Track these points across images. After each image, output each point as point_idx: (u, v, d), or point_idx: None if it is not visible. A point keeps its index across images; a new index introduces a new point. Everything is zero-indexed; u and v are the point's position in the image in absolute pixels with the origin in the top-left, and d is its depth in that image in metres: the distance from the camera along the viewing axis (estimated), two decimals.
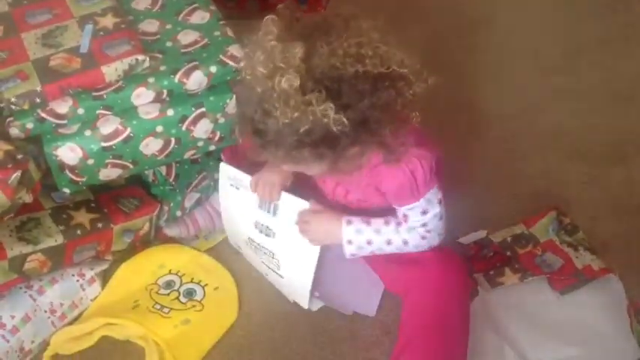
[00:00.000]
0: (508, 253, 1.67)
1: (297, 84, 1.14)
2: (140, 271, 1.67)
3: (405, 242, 1.43)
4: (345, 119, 1.15)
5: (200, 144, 1.57)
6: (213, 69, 1.51)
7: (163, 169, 1.67)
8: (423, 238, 1.42)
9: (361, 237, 1.44)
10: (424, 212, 1.39)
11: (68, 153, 1.46)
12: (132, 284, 1.64)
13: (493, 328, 1.54)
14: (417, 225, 1.41)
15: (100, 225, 1.56)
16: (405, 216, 1.40)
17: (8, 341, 1.49)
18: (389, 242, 1.43)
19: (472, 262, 1.66)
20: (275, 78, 1.15)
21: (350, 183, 1.45)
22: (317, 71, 1.15)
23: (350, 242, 1.45)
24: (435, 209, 1.39)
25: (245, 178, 1.55)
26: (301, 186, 1.53)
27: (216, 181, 1.71)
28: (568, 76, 2.12)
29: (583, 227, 1.72)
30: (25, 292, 1.54)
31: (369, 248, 1.45)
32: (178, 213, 1.71)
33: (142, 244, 1.68)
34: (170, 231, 1.70)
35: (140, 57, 1.48)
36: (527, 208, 1.77)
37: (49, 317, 1.55)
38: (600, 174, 1.88)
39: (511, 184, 1.85)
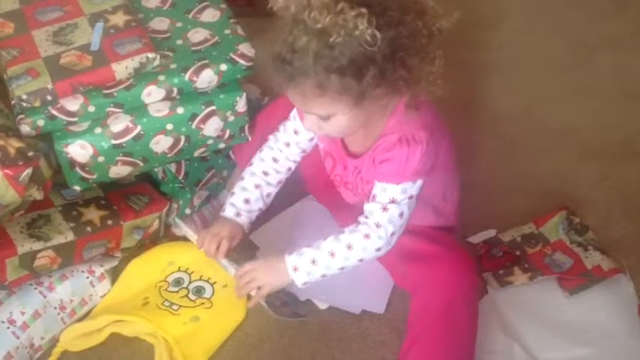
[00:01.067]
0: (517, 253, 1.66)
1: None
2: (149, 269, 1.67)
3: (349, 246, 1.39)
4: (377, 32, 1.15)
5: (210, 142, 1.57)
6: (223, 67, 1.51)
7: (173, 167, 1.67)
8: (367, 236, 1.38)
9: (304, 258, 1.41)
10: (392, 200, 1.37)
11: (79, 150, 1.47)
12: (141, 281, 1.64)
13: (502, 328, 1.54)
14: (375, 210, 1.37)
15: (109, 222, 1.57)
16: (374, 196, 1.38)
17: (18, 337, 1.49)
18: (332, 254, 1.39)
19: (481, 262, 1.66)
20: None
21: (361, 163, 1.44)
22: None
23: (296, 269, 1.41)
24: (403, 202, 1.37)
25: (192, 237, 1.59)
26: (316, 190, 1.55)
27: (225, 179, 1.72)
28: (579, 74, 2.11)
29: (593, 227, 1.71)
30: (36, 288, 1.54)
31: (318, 269, 1.41)
32: (187, 211, 1.71)
33: (151, 241, 1.68)
34: (178, 230, 1.70)
35: (150, 55, 1.48)
36: (537, 207, 1.77)
37: (59, 314, 1.55)
38: (611, 173, 1.87)
39: (521, 183, 1.84)
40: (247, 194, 1.54)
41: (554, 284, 1.59)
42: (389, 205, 1.37)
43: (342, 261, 1.40)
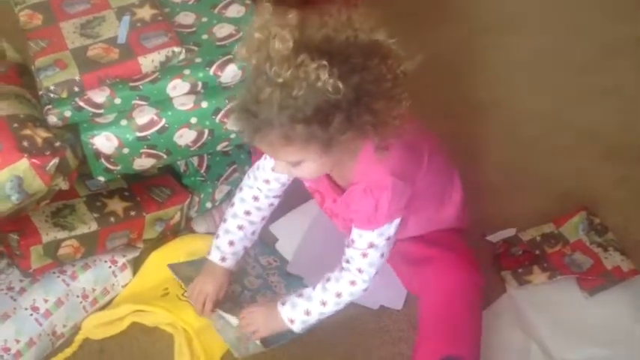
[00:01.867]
0: (537, 252, 1.66)
1: (291, 45, 1.14)
2: (170, 260, 1.68)
3: (338, 294, 1.42)
4: (339, 83, 1.14)
5: (232, 136, 1.59)
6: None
7: (195, 161, 1.69)
8: (352, 283, 1.41)
9: (298, 309, 1.45)
10: (370, 244, 1.38)
11: (104, 142, 1.49)
12: (162, 272, 1.65)
13: (520, 326, 1.55)
14: (355, 256, 1.39)
15: (132, 213, 1.59)
16: (353, 241, 1.39)
17: (41, 324, 1.52)
18: (323, 303, 1.43)
19: (500, 260, 1.66)
20: (269, 42, 1.16)
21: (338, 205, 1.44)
22: (310, 40, 1.16)
23: (292, 321, 1.45)
24: (380, 244, 1.38)
25: (185, 285, 1.59)
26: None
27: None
28: (602, 75, 2.10)
29: (613, 228, 1.71)
30: (59, 276, 1.57)
31: (312, 317, 1.45)
32: (208, 204, 1.72)
33: (172, 233, 1.70)
34: (198, 227, 1.72)
35: (176, 49, 1.50)
36: (558, 207, 1.77)
37: (81, 302, 1.58)
38: (632, 174, 1.86)
39: (542, 183, 1.84)
40: (231, 236, 1.53)
41: (573, 284, 1.59)
42: (368, 251, 1.38)
43: (333, 306, 1.44)
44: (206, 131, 1.55)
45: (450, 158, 1.53)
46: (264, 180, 1.51)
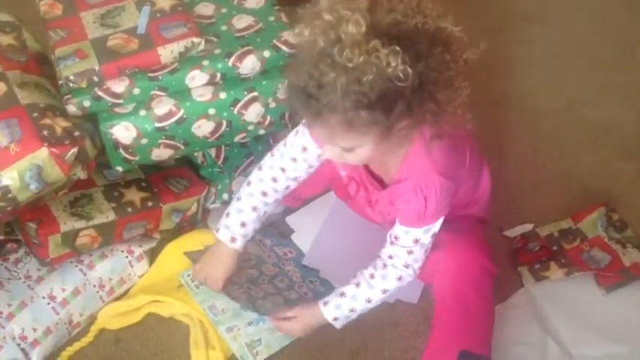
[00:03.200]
0: (554, 248, 1.65)
1: (364, 29, 1.12)
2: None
3: (384, 291, 1.41)
4: (409, 69, 1.12)
5: (250, 128, 1.59)
6: (266, 54, 1.52)
7: (213, 152, 1.69)
8: (399, 279, 1.40)
9: (343, 309, 1.43)
10: (416, 241, 1.38)
11: (123, 132, 1.49)
12: (178, 263, 1.65)
13: (537, 321, 1.54)
14: (401, 253, 1.39)
15: (150, 204, 1.59)
16: (396, 237, 1.38)
17: (58, 313, 1.53)
18: (369, 300, 1.42)
19: (517, 255, 1.65)
20: (341, 25, 1.13)
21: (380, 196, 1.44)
22: (379, 25, 1.14)
23: (336, 319, 1.44)
24: (426, 241, 1.38)
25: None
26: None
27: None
28: (621, 71, 2.09)
29: (632, 224, 1.70)
30: (76, 266, 1.57)
31: (356, 313, 1.44)
32: (225, 196, 1.72)
33: (189, 224, 1.70)
34: (212, 224, 1.71)
35: (196, 40, 1.49)
36: (576, 203, 1.76)
37: (97, 292, 1.58)
38: None
39: (560, 178, 1.83)
40: (244, 217, 1.48)
41: (590, 281, 1.58)
42: (414, 248, 1.38)
43: (378, 302, 1.44)
44: (224, 122, 1.55)
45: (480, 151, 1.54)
46: (292, 158, 1.46)
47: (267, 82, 1.55)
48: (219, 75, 1.52)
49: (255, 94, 1.54)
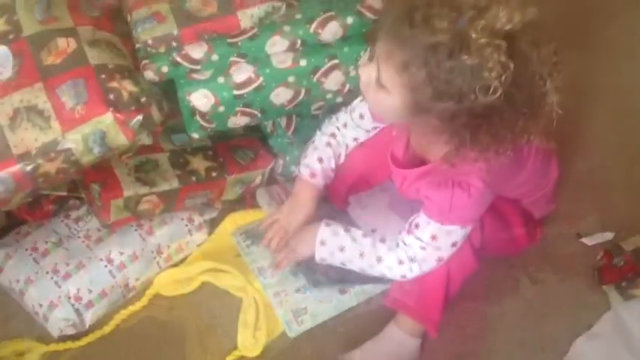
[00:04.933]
0: None
1: (508, 26, 1.09)
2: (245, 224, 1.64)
3: (379, 259, 1.36)
4: (500, 89, 1.08)
5: (329, 96, 1.54)
6: (349, 20, 1.46)
7: (283, 122, 1.64)
8: (400, 262, 1.34)
9: (336, 240, 1.38)
10: (433, 237, 1.30)
11: (201, 99, 1.46)
12: None
13: (628, 347, 1.42)
14: (414, 245, 1.33)
15: (214, 174, 1.56)
16: (416, 225, 1.32)
17: (114, 277, 1.52)
18: (361, 254, 1.37)
19: (602, 273, 1.54)
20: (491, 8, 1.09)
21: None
22: (514, 39, 1.10)
23: (323, 243, 1.39)
24: (442, 245, 1.31)
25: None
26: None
27: None
28: None
29: None
30: (136, 230, 1.56)
31: (340, 256, 1.39)
32: (293, 168, 1.68)
33: (252, 196, 1.66)
34: (261, 199, 1.65)
35: (276, 4, 1.44)
36: None
37: (155, 258, 1.57)
38: None
39: None
40: (320, 153, 1.49)
41: None
42: (428, 245, 1.31)
43: (365, 266, 1.39)
44: (303, 90, 1.51)
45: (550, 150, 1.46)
46: (343, 124, 1.49)
47: (348, 50, 1.49)
48: (299, 41, 1.46)
49: (336, 61, 1.49)
